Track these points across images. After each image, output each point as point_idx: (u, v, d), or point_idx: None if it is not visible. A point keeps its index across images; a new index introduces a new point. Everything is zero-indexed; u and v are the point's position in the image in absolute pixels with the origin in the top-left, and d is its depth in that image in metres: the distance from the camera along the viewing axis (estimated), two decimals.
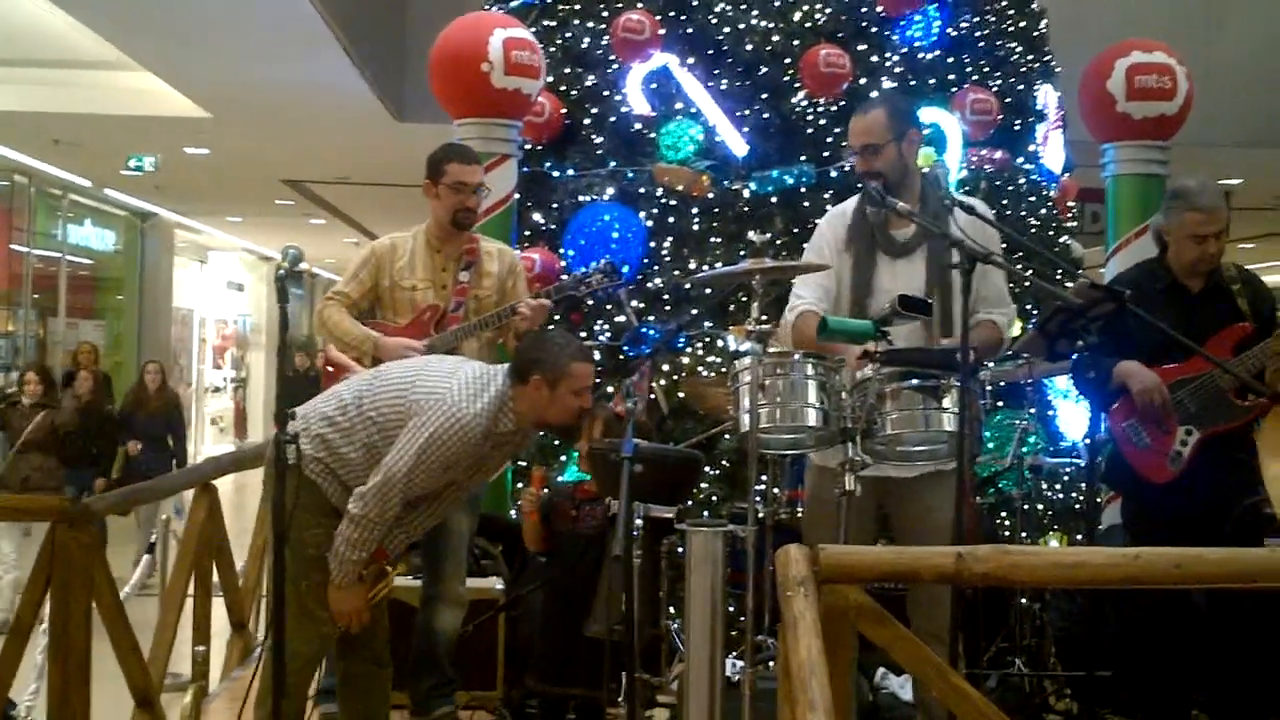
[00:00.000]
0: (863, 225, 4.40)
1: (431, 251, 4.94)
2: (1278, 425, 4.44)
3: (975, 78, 7.03)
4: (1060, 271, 6.26)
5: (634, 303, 6.54)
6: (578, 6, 7.08)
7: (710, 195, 6.65)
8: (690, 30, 6.84)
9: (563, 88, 6.90)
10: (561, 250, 6.57)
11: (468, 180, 4.89)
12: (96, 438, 10.35)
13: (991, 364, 5.21)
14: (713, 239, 6.61)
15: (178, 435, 11.75)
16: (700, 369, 6.32)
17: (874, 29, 6.88)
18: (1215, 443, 4.54)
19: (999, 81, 7.11)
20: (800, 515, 4.94)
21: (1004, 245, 4.47)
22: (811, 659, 2.37)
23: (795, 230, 6.54)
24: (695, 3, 6.85)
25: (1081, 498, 6.42)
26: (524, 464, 6.39)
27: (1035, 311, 6.33)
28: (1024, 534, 5.74)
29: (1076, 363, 4.74)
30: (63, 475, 9.61)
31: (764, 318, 4.06)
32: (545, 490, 5.06)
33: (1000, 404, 6.26)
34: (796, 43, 6.74)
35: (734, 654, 4.56)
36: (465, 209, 4.90)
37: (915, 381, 3.98)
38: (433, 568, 4.83)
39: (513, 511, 6.14)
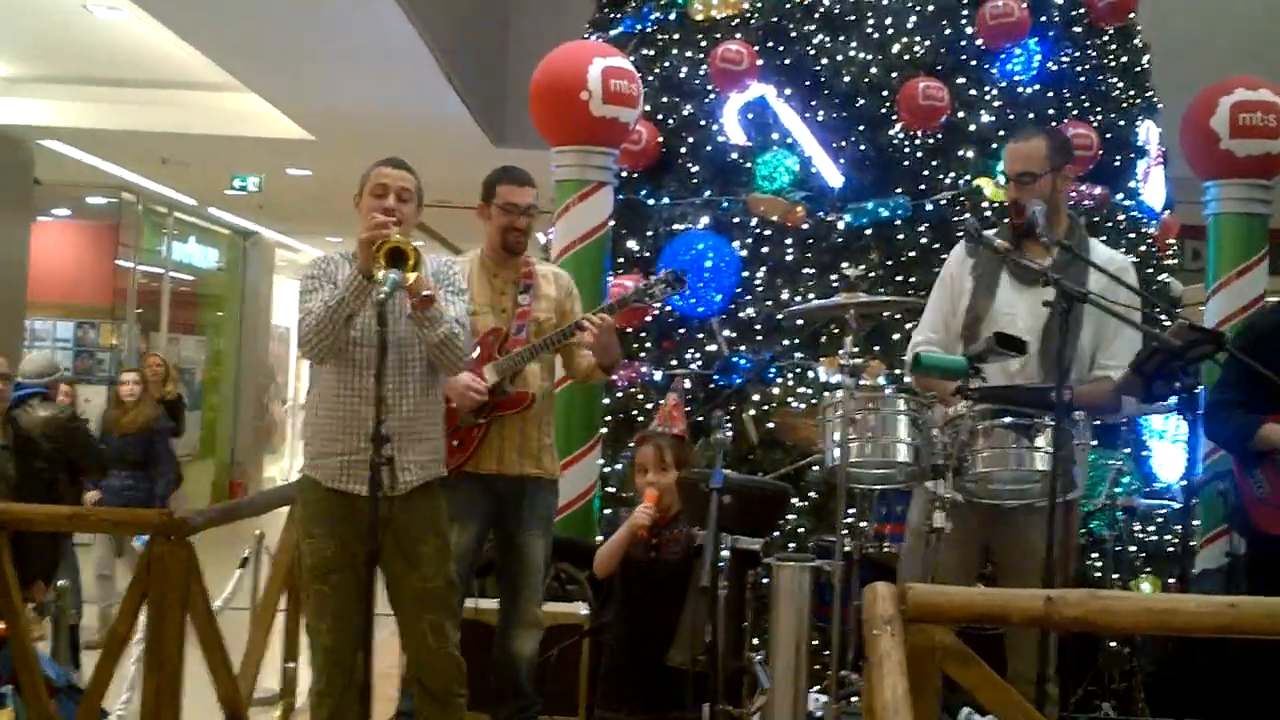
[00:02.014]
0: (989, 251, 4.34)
1: (489, 275, 4.96)
2: None
3: (1075, 112, 6.96)
4: (1158, 310, 6.18)
5: (726, 332, 6.55)
6: (677, 36, 7.12)
7: (805, 226, 6.64)
8: (788, 61, 6.85)
9: (660, 116, 6.94)
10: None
11: (517, 201, 4.91)
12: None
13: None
14: (806, 270, 6.60)
15: (153, 460, 9.31)
16: (791, 400, 6.31)
17: (973, 62, 6.83)
18: None
19: (1099, 117, 7.03)
20: (887, 550, 4.92)
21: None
22: (896, 699, 2.36)
23: (889, 262, 6.53)
24: (794, 34, 6.86)
25: (1175, 540, 6.31)
26: (613, 490, 6.42)
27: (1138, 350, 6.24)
28: (1115, 576, 5.66)
29: (1214, 405, 4.67)
30: None
31: (855, 350, 4.06)
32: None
33: (1094, 443, 6.18)
34: (894, 75, 6.71)
35: (817, 688, 4.55)
36: (514, 230, 4.92)
37: (1009, 419, 3.96)
38: (509, 592, 4.86)
39: (599, 536, 6.16)
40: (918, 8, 6.83)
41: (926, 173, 6.69)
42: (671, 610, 4.63)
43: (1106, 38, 7.25)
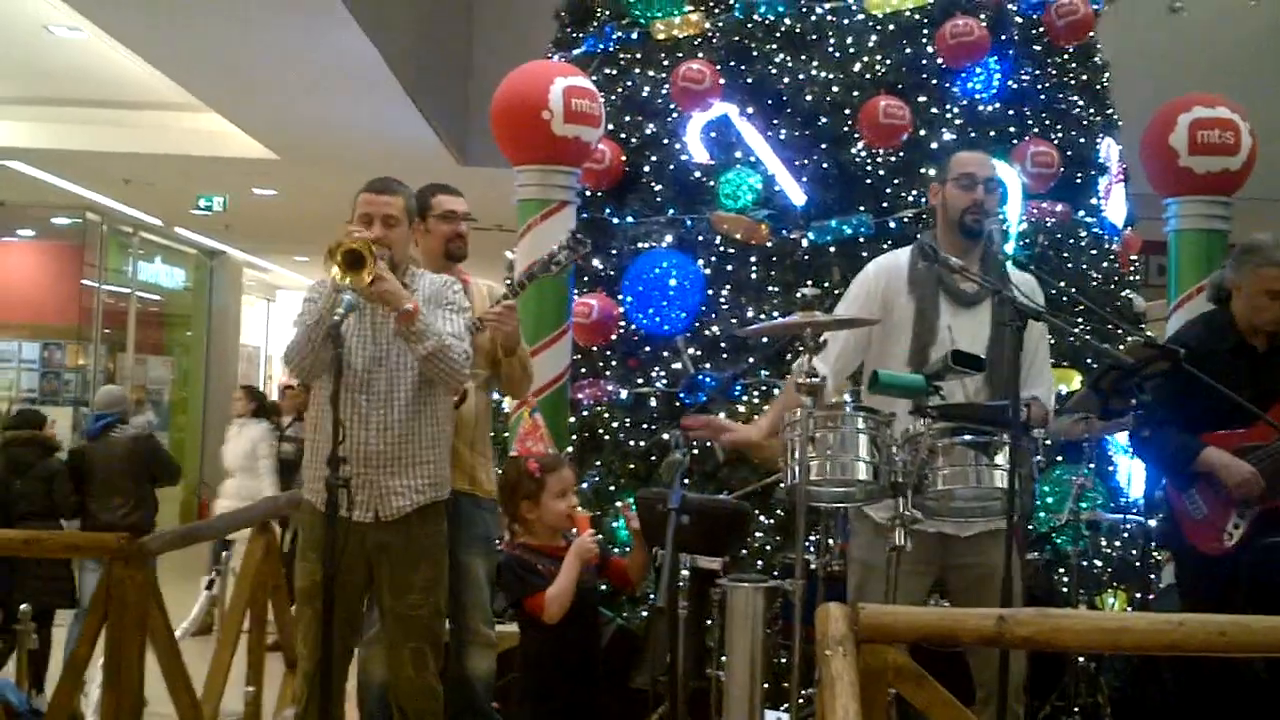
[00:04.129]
0: (925, 272, 4.37)
1: None
2: None
3: (1036, 130, 6.97)
4: (1118, 328, 6.20)
5: (691, 350, 6.54)
6: (639, 55, 7.12)
7: (768, 244, 6.65)
8: (750, 80, 6.85)
9: (623, 135, 6.94)
10: (619, 296, 6.59)
11: (457, 209, 5.01)
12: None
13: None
14: (770, 287, 6.61)
15: None
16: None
17: (934, 80, 6.84)
18: (1274, 515, 4.40)
19: (1060, 134, 7.04)
20: None
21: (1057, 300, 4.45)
22: None
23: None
24: (755, 53, 6.87)
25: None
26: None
27: (1095, 367, 6.27)
28: (1081, 592, 5.66)
29: (1138, 422, 4.65)
30: None
31: (814, 369, 4.05)
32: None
33: (1060, 459, 6.19)
34: (856, 93, 6.72)
35: (784, 708, 4.53)
36: (458, 236, 4.99)
37: (967, 437, 3.96)
38: (455, 611, 4.83)
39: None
40: (879, 27, 6.85)
41: (889, 190, 6.70)
42: (589, 636, 4.58)
43: (1066, 56, 7.27)
